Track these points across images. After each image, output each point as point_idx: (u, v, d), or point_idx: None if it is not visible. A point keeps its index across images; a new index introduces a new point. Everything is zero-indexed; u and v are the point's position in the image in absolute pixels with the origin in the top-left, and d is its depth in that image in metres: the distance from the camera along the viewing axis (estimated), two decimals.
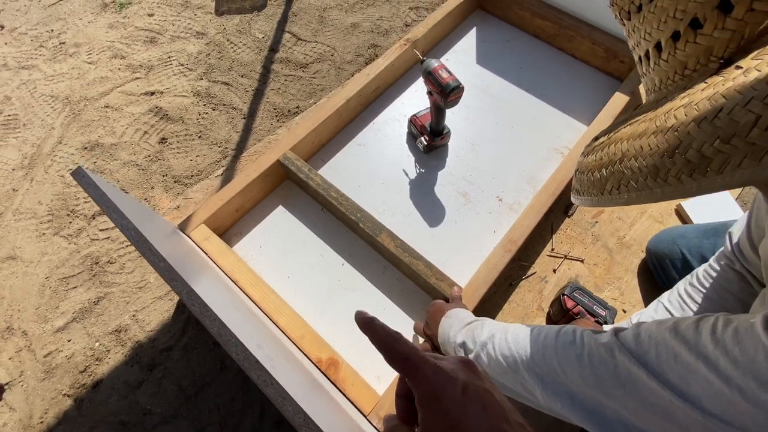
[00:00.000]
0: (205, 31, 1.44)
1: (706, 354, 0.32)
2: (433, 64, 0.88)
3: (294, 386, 0.49)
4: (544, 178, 1.03)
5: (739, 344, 0.30)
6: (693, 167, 0.24)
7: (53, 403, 0.88)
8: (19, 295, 1.00)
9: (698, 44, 0.28)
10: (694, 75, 0.29)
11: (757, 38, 0.25)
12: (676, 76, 0.30)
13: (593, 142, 0.37)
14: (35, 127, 1.26)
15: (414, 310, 0.90)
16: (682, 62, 0.29)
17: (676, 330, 0.36)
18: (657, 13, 0.30)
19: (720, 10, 0.26)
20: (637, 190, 0.27)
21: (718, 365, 0.31)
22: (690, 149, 0.24)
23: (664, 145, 0.25)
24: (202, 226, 0.90)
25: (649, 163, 0.26)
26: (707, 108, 0.23)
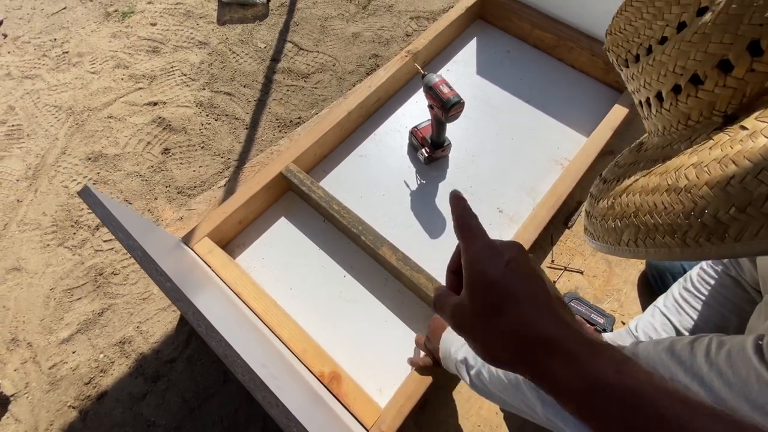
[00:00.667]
0: (208, 40, 1.45)
1: (702, 375, 0.34)
2: (434, 79, 0.89)
3: (298, 407, 0.50)
4: (544, 190, 1.04)
5: (731, 367, 0.32)
6: (710, 231, 0.24)
7: (58, 415, 0.89)
8: (24, 307, 1.01)
9: (700, 99, 0.28)
10: (698, 126, 0.29)
11: (759, 96, 0.25)
12: (680, 126, 0.30)
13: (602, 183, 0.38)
14: (39, 138, 1.27)
15: (415, 322, 0.90)
16: (685, 114, 0.29)
17: (672, 351, 0.37)
18: (656, 66, 0.30)
19: (720, 69, 0.26)
20: (655, 247, 0.27)
21: (713, 387, 0.32)
22: (705, 214, 0.24)
23: (678, 206, 0.25)
24: (205, 239, 0.91)
25: (665, 221, 0.26)
26: (718, 173, 0.23)
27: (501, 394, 0.54)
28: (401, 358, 0.86)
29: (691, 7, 0.27)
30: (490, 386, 0.55)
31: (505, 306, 0.26)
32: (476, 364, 0.57)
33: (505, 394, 0.53)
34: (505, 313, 0.26)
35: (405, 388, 0.76)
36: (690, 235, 0.25)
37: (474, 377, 0.57)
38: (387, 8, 1.52)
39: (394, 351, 0.87)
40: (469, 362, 0.59)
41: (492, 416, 0.83)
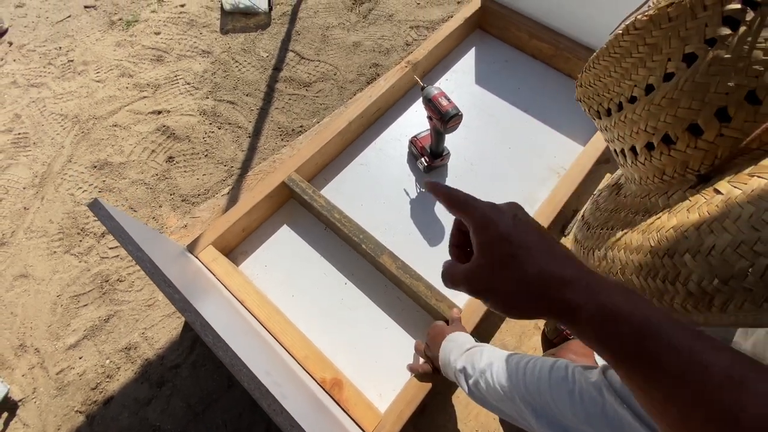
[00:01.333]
0: (211, 49, 1.48)
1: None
2: (433, 91, 0.91)
3: (302, 414, 0.52)
4: (542, 198, 1.06)
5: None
6: (697, 300, 0.24)
7: (65, 420, 0.91)
8: (31, 313, 1.03)
9: (673, 157, 0.28)
10: (673, 182, 0.29)
11: (730, 159, 0.25)
12: (656, 179, 0.31)
13: (585, 229, 0.38)
14: (45, 146, 1.29)
15: (414, 329, 0.93)
16: (660, 169, 0.30)
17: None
18: (627, 123, 0.31)
19: (691, 132, 0.26)
20: None
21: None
22: (690, 281, 0.24)
23: (662, 270, 0.25)
24: (209, 247, 0.93)
25: (652, 285, 0.26)
26: (697, 240, 0.23)
27: (497, 404, 0.56)
28: (401, 364, 0.88)
29: (657, 71, 0.28)
30: (487, 396, 0.57)
31: (520, 254, 0.28)
32: (474, 374, 0.59)
33: (501, 404, 0.55)
34: (522, 260, 0.28)
35: (405, 393, 0.78)
36: (677, 301, 0.25)
37: (472, 386, 0.59)
38: (387, 18, 1.54)
39: (394, 357, 0.89)
40: (467, 371, 0.61)
41: (490, 421, 0.85)
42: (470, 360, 0.62)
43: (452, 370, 0.66)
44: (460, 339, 0.71)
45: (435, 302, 0.86)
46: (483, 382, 0.57)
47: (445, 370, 0.70)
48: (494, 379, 0.55)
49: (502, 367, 0.55)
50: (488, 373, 0.57)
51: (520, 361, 0.54)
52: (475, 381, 0.59)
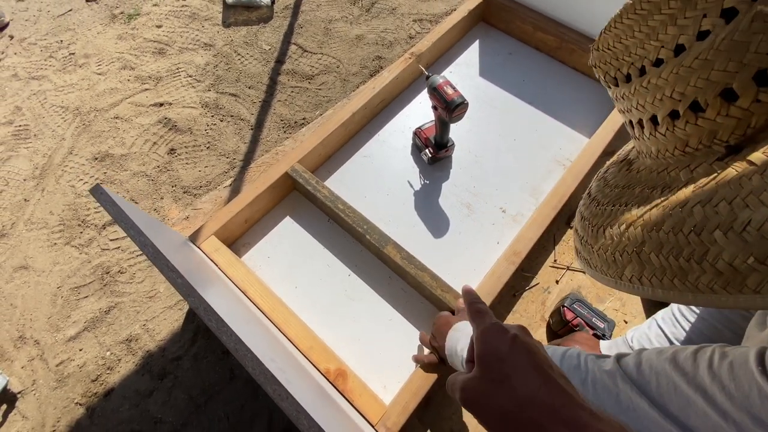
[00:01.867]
0: (213, 42, 1.47)
1: (704, 387, 0.33)
2: (438, 80, 0.90)
3: (308, 400, 0.51)
4: (547, 190, 1.05)
5: (734, 380, 0.31)
6: (727, 280, 0.22)
7: (65, 412, 0.90)
8: (31, 305, 1.01)
9: (700, 126, 0.25)
10: (697, 154, 0.27)
11: (765, 127, 0.23)
12: (676, 151, 0.28)
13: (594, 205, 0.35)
14: (46, 138, 1.28)
15: (419, 320, 0.91)
16: (683, 140, 0.27)
17: (675, 361, 0.37)
18: (651, 89, 0.28)
19: (723, 97, 0.24)
20: (663, 288, 0.25)
21: (716, 400, 0.32)
22: (720, 260, 0.22)
23: (687, 248, 0.23)
24: (212, 237, 0.92)
25: (674, 264, 0.24)
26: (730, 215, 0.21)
27: None
28: (405, 355, 0.87)
29: (690, 29, 0.25)
30: None
31: (514, 376, 0.30)
32: None
33: None
34: (516, 382, 0.29)
35: (410, 385, 0.77)
36: (703, 280, 0.23)
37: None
38: (390, 11, 1.53)
39: (398, 349, 0.88)
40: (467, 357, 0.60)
41: None
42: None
43: (459, 359, 0.65)
44: (467, 328, 0.69)
45: (440, 293, 0.85)
46: None
47: (451, 360, 0.68)
48: None
49: None
50: None
51: None
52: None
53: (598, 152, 1.03)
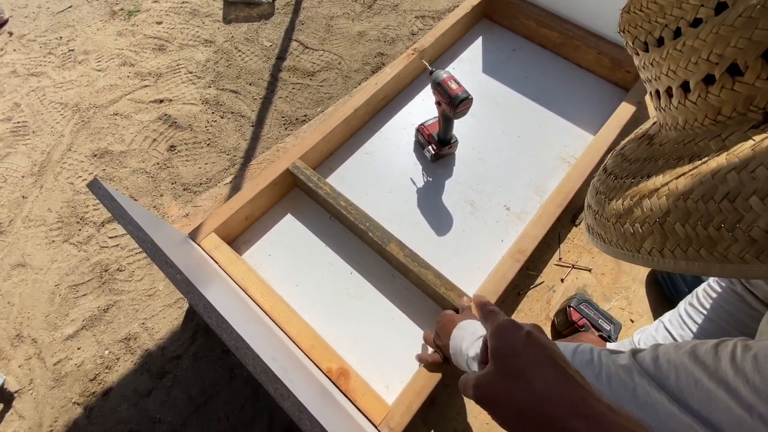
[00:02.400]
0: (213, 39, 1.45)
1: (727, 381, 0.32)
2: (442, 75, 0.89)
3: (310, 399, 0.50)
4: (551, 187, 1.04)
5: (759, 372, 0.30)
6: (760, 249, 0.21)
7: (63, 411, 0.88)
8: (29, 303, 1.00)
9: (736, 92, 0.24)
10: (729, 122, 0.25)
11: None
12: (707, 120, 0.27)
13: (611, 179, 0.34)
14: (45, 135, 1.27)
15: (422, 319, 0.90)
16: (716, 108, 0.26)
17: (695, 355, 0.36)
18: (685, 52, 0.26)
19: (766, 59, 0.23)
20: (687, 259, 0.24)
21: (739, 393, 0.31)
22: (755, 227, 0.21)
23: (719, 216, 0.22)
24: (212, 234, 0.91)
25: (703, 233, 0.23)
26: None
27: None
28: (408, 355, 0.85)
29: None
30: None
31: (529, 371, 0.29)
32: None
33: None
34: (531, 377, 0.29)
35: (414, 384, 0.76)
36: (734, 250, 0.22)
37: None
38: (392, 7, 1.52)
39: (401, 348, 0.87)
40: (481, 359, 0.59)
41: None
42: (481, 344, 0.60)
43: (464, 358, 0.63)
44: (472, 327, 0.68)
45: (444, 291, 0.84)
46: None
47: (456, 359, 0.67)
48: None
49: None
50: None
51: None
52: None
53: (603, 149, 1.02)
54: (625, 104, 1.08)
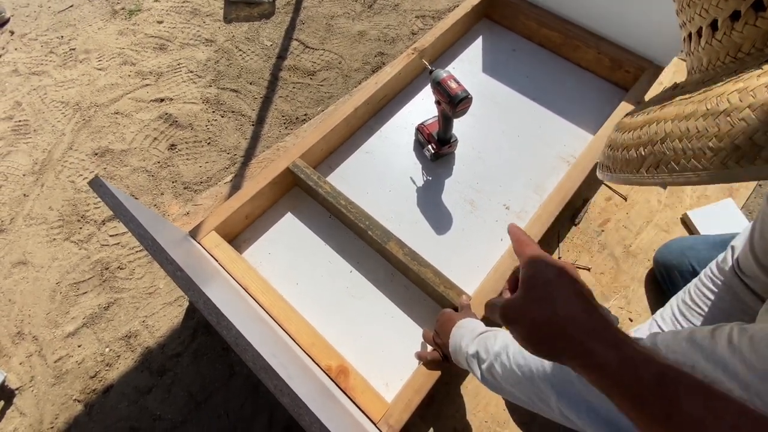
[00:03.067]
0: (214, 38, 1.46)
1: (725, 362, 0.33)
2: (442, 74, 0.89)
3: (309, 396, 0.50)
4: (551, 187, 1.04)
5: (755, 352, 0.31)
6: (742, 154, 0.23)
7: (63, 409, 0.89)
8: (30, 300, 1.01)
9: (758, 27, 0.26)
10: (747, 59, 0.27)
11: None
12: (728, 58, 0.29)
13: (628, 117, 0.37)
14: (46, 133, 1.27)
15: (421, 318, 0.90)
16: (737, 44, 0.28)
17: (692, 339, 0.37)
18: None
19: None
20: (676, 172, 0.27)
21: (737, 373, 0.32)
22: (741, 135, 0.23)
23: (713, 129, 0.25)
24: (212, 233, 0.91)
25: (695, 145, 0.25)
26: (765, 96, 0.22)
27: (512, 388, 0.53)
28: (407, 353, 0.86)
29: None
30: (501, 381, 0.54)
31: (559, 298, 0.32)
32: (488, 358, 0.57)
33: (518, 387, 0.52)
34: (558, 302, 0.32)
35: (413, 382, 0.76)
36: (718, 158, 0.24)
37: (485, 371, 0.57)
38: (393, 7, 1.52)
39: (400, 346, 0.87)
40: (480, 356, 0.59)
41: (499, 412, 0.83)
42: (483, 344, 0.60)
43: (464, 356, 0.64)
44: (471, 324, 0.68)
45: (443, 289, 0.84)
46: (498, 366, 0.55)
47: (456, 357, 0.67)
48: (510, 361, 0.53)
49: (518, 348, 0.53)
50: (503, 356, 0.55)
51: None
52: (489, 365, 0.57)
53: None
54: (624, 104, 1.08)
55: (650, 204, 1.07)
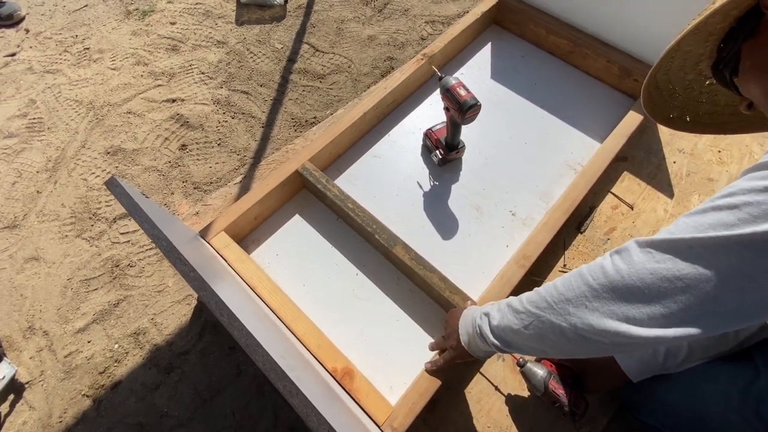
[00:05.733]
0: (226, 40, 1.48)
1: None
2: (452, 81, 0.90)
3: (317, 397, 0.51)
4: (558, 194, 1.04)
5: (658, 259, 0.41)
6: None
7: (72, 403, 0.90)
8: (41, 296, 1.02)
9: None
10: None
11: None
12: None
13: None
14: (59, 131, 1.30)
15: (426, 322, 0.91)
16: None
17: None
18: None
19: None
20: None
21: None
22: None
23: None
24: (222, 233, 0.92)
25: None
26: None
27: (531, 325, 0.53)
28: (412, 356, 0.86)
29: None
30: (512, 323, 0.56)
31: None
32: (501, 305, 0.59)
33: (540, 320, 0.52)
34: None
35: (417, 386, 0.77)
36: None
37: (499, 321, 0.59)
38: (402, 12, 1.53)
39: (405, 350, 0.88)
40: (491, 314, 0.61)
41: (502, 418, 0.83)
42: (495, 305, 0.62)
43: (475, 326, 0.63)
44: (475, 307, 0.69)
45: (449, 294, 0.85)
46: (516, 302, 0.56)
47: (467, 341, 0.66)
48: (523, 300, 0.55)
49: (528, 294, 0.56)
50: (515, 300, 0.57)
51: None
52: (500, 310, 0.59)
53: (611, 157, 1.02)
54: (632, 113, 1.09)
55: (657, 213, 1.07)
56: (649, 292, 0.41)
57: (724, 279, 0.36)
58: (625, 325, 0.42)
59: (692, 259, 0.38)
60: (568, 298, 0.48)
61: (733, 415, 0.62)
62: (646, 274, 0.41)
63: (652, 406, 0.74)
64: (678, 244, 0.39)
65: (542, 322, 0.51)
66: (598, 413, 0.83)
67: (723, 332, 0.39)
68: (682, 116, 0.54)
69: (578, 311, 0.46)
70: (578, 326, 0.46)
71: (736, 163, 1.15)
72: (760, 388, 0.61)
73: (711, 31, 0.42)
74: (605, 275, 0.44)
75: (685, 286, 0.38)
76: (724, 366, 0.67)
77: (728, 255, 0.36)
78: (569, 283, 0.49)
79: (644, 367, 0.73)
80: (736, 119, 0.53)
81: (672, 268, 0.39)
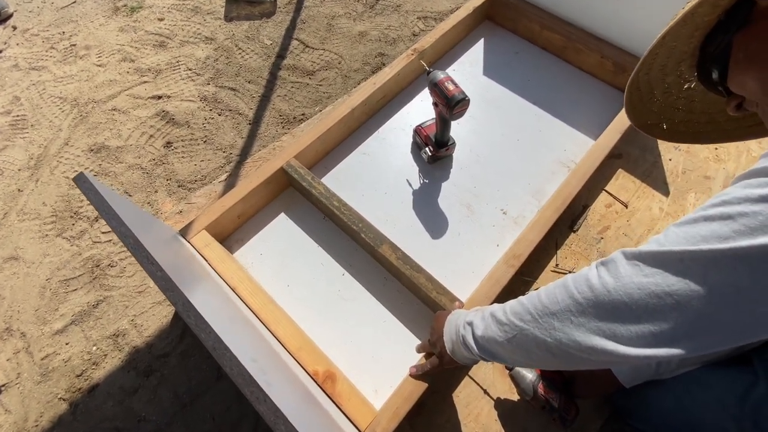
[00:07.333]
0: (214, 36, 1.45)
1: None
2: (440, 75, 0.87)
3: (287, 403, 0.48)
4: (550, 192, 1.02)
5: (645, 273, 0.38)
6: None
7: (48, 407, 0.87)
8: (19, 296, 1.00)
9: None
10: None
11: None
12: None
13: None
14: (43, 128, 1.27)
15: (414, 323, 0.88)
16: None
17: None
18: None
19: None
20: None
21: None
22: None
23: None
24: (203, 232, 0.90)
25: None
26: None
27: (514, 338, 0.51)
28: (398, 359, 0.84)
29: None
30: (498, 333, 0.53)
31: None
32: (484, 314, 0.57)
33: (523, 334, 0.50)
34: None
35: (402, 389, 0.74)
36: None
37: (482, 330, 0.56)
38: (394, 8, 1.51)
39: (391, 352, 0.85)
40: (475, 323, 0.58)
41: (491, 422, 0.81)
42: (479, 313, 0.59)
43: (459, 333, 0.61)
44: (460, 311, 0.67)
45: (436, 295, 0.82)
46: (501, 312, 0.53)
47: (452, 348, 0.64)
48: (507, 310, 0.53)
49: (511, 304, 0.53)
50: (498, 309, 0.55)
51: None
52: (484, 319, 0.56)
53: (604, 154, 1.00)
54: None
55: (652, 212, 1.04)
56: (637, 309, 0.38)
57: (717, 295, 0.34)
58: (612, 343, 0.39)
59: (683, 273, 0.35)
60: (552, 311, 0.45)
61: (729, 423, 0.59)
62: (633, 290, 0.38)
63: (644, 412, 0.71)
64: (668, 257, 0.37)
65: (526, 335, 0.48)
66: (589, 419, 0.80)
67: (716, 351, 0.36)
68: (659, 123, 0.52)
69: (563, 326, 0.44)
70: (563, 342, 0.44)
71: (734, 160, 1.13)
72: (759, 395, 0.58)
73: (698, 23, 0.39)
74: (591, 289, 0.42)
75: (675, 302, 0.35)
76: (720, 371, 0.64)
77: (722, 270, 0.33)
78: (554, 295, 0.46)
79: (637, 372, 0.70)
80: (711, 128, 0.51)
81: (661, 283, 0.36)
